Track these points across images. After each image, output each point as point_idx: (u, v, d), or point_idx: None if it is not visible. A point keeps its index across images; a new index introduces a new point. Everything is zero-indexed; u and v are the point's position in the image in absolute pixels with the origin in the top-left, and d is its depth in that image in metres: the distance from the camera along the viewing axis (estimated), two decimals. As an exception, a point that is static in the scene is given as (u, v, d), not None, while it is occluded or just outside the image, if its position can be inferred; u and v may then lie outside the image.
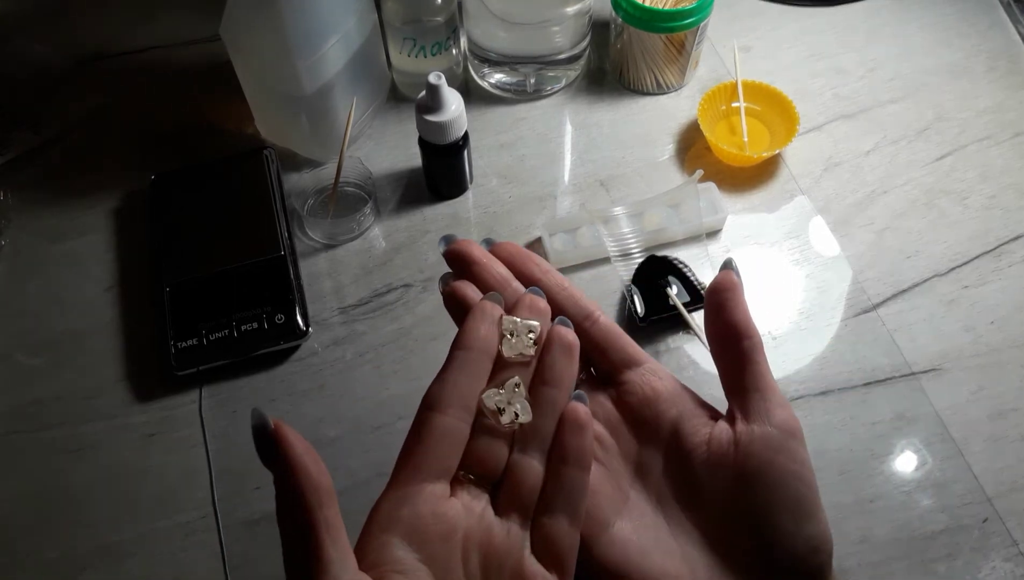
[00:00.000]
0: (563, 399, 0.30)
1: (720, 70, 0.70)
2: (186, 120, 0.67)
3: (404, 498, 0.28)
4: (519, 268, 0.33)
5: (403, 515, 0.27)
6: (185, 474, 0.51)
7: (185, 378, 0.54)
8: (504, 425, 0.29)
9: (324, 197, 0.61)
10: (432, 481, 0.28)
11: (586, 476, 0.29)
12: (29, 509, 0.50)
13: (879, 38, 0.71)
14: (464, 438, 0.29)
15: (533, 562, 0.28)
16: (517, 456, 0.29)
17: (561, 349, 0.30)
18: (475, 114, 0.66)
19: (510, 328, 0.30)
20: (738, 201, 0.62)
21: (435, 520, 0.27)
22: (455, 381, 0.29)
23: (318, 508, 0.25)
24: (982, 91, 0.68)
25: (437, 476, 0.28)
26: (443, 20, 0.62)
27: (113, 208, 0.62)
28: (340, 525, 0.26)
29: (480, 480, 0.29)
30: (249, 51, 0.57)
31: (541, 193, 0.62)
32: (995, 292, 0.56)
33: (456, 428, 0.29)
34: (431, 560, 0.27)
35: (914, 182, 0.62)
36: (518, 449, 0.29)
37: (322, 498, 0.26)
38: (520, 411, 0.29)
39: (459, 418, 0.29)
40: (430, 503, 0.28)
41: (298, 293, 0.56)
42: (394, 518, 0.27)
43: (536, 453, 0.29)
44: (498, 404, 0.29)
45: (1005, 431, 0.51)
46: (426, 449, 0.28)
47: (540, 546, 0.28)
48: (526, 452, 0.29)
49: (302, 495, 0.25)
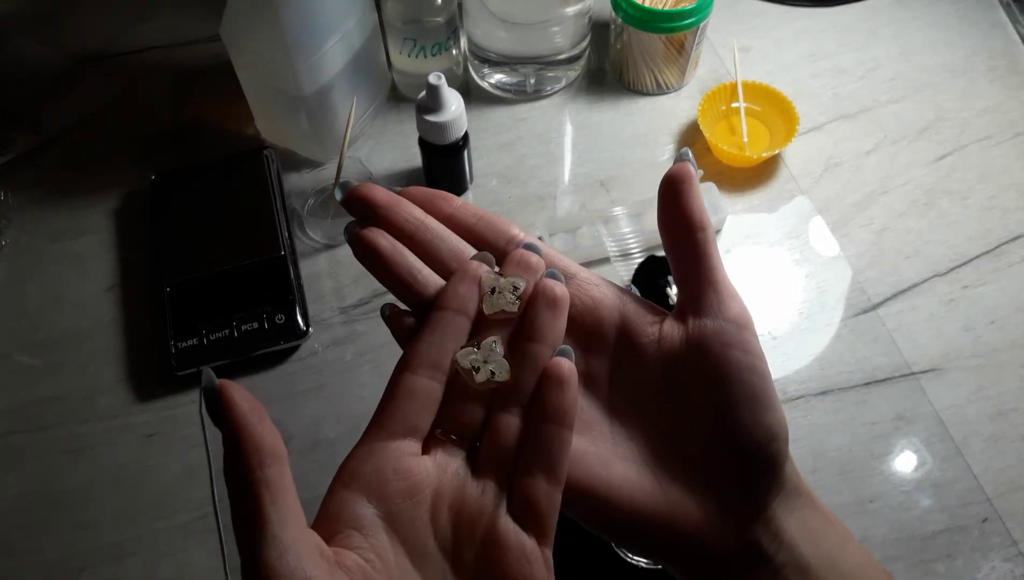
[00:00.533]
0: (546, 355, 0.29)
1: (720, 70, 0.70)
2: (186, 120, 0.67)
3: (368, 454, 0.27)
4: (429, 208, 0.31)
5: (365, 471, 0.27)
6: (185, 474, 0.51)
7: (185, 378, 0.54)
8: (479, 384, 0.28)
9: (324, 197, 0.61)
10: (398, 438, 0.27)
11: (568, 434, 0.28)
12: (29, 509, 0.50)
13: (879, 38, 0.71)
14: (436, 397, 0.28)
15: (509, 522, 0.27)
16: (495, 414, 0.28)
17: (545, 303, 0.29)
18: (475, 114, 0.66)
19: (492, 285, 0.29)
20: (738, 201, 0.62)
21: (397, 476, 0.27)
22: (428, 341, 0.28)
23: (258, 467, 0.25)
24: (982, 91, 0.68)
25: (404, 434, 0.27)
26: (443, 20, 0.62)
27: (113, 208, 0.63)
28: (284, 485, 0.25)
29: (459, 440, 0.28)
30: (249, 51, 0.57)
31: (541, 193, 0.62)
32: (995, 292, 0.57)
33: (427, 386, 0.28)
34: (392, 517, 0.26)
35: (914, 182, 0.62)
36: (497, 407, 0.28)
37: (264, 458, 0.25)
38: (496, 369, 0.28)
39: (430, 377, 0.28)
40: (393, 459, 0.27)
41: (298, 293, 0.56)
42: (356, 474, 0.27)
43: (515, 410, 0.28)
44: (473, 363, 0.28)
45: (1005, 431, 0.51)
46: (394, 408, 0.28)
47: (518, 506, 0.27)
48: (505, 410, 0.28)
49: (243, 454, 0.25)
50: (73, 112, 0.68)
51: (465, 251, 0.30)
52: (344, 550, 0.26)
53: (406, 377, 0.28)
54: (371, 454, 0.27)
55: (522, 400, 0.28)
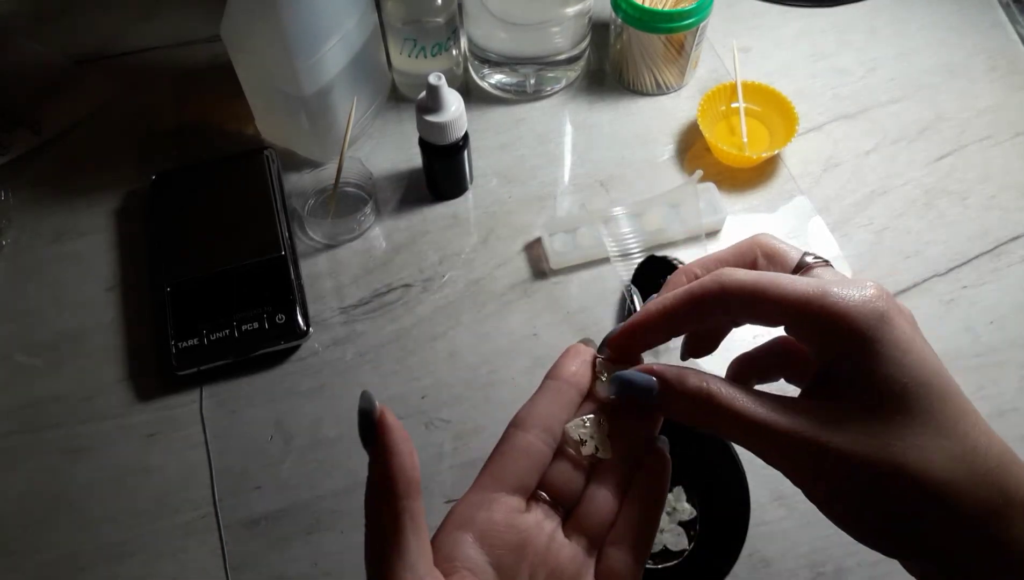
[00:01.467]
0: (645, 440, 0.31)
1: (720, 71, 0.70)
2: (187, 120, 0.67)
3: (481, 503, 0.29)
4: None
5: (479, 518, 0.28)
6: (186, 474, 0.51)
7: (186, 378, 0.54)
8: (584, 456, 0.30)
9: (324, 197, 0.61)
10: (509, 492, 0.29)
11: (658, 515, 0.30)
12: (29, 509, 0.50)
13: (879, 38, 0.71)
14: (544, 458, 0.30)
15: None
16: (593, 487, 0.30)
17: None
18: (475, 114, 0.66)
19: (602, 370, 0.32)
20: (737, 201, 0.62)
21: (508, 529, 0.28)
22: (540, 404, 0.31)
23: (405, 497, 0.26)
24: (982, 91, 0.68)
25: (514, 489, 0.29)
26: (443, 21, 0.62)
27: (114, 208, 0.63)
28: (423, 518, 0.27)
29: (555, 503, 0.30)
30: (249, 51, 0.57)
31: (541, 193, 0.62)
32: (994, 292, 0.57)
33: (536, 448, 0.30)
34: (499, 566, 0.28)
35: (914, 182, 0.62)
36: (595, 480, 0.31)
37: (410, 489, 0.27)
38: (600, 447, 0.30)
39: (540, 439, 0.30)
40: (504, 512, 0.29)
41: (298, 293, 0.56)
42: (470, 519, 0.29)
43: (612, 486, 0.30)
44: (581, 436, 0.30)
45: (1004, 431, 0.50)
46: (507, 462, 0.29)
47: (603, 575, 0.29)
48: (602, 484, 0.30)
49: (392, 481, 0.26)
50: (73, 112, 0.68)
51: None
52: None
53: (519, 434, 0.30)
54: (485, 503, 0.29)
55: (618, 478, 0.31)
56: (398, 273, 0.59)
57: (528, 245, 0.60)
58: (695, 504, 0.48)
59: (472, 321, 0.56)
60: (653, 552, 0.46)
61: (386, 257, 0.59)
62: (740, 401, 0.28)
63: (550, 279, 0.58)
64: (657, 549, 0.47)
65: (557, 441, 0.30)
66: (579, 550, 0.29)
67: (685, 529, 0.48)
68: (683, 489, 0.49)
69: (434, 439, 0.51)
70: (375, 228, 0.61)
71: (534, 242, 0.60)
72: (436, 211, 0.62)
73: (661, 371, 0.30)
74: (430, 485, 0.49)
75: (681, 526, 0.48)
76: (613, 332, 0.32)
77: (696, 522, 0.48)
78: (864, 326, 0.31)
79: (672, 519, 0.48)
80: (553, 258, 0.58)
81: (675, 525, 0.48)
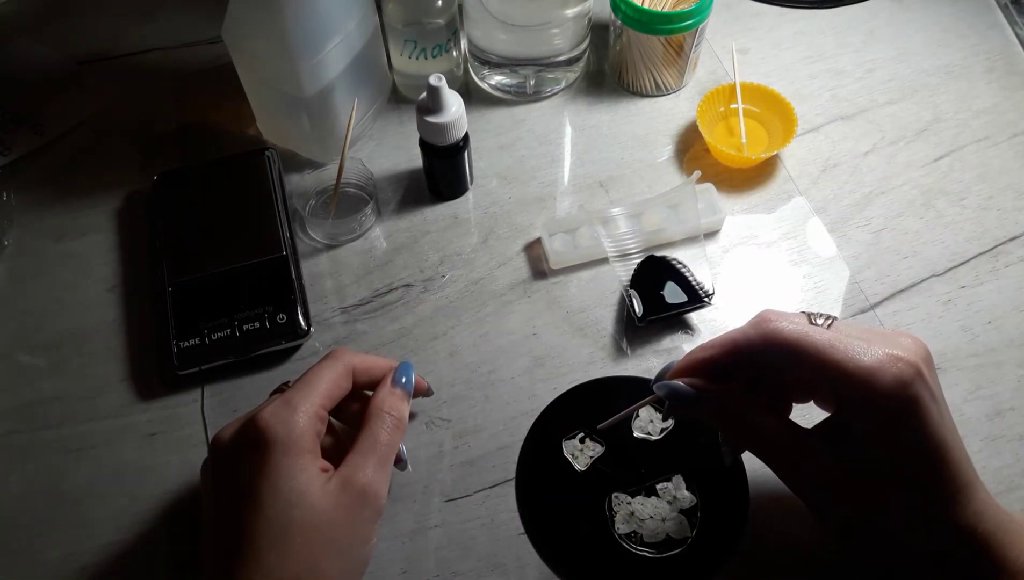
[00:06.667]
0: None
1: (719, 72, 0.70)
2: (188, 121, 0.68)
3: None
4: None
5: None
6: (186, 473, 0.51)
7: (187, 377, 0.54)
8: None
9: (325, 198, 0.62)
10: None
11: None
12: (30, 509, 0.50)
13: (877, 39, 0.72)
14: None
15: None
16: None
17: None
18: (475, 115, 0.67)
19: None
20: (736, 202, 0.62)
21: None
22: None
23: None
24: (980, 92, 0.68)
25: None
26: (443, 22, 0.62)
27: (116, 208, 0.63)
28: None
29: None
30: (251, 52, 0.58)
31: (541, 194, 0.63)
32: (992, 292, 0.57)
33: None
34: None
35: (912, 183, 0.63)
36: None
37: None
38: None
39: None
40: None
41: (299, 293, 0.56)
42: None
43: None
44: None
45: (1003, 431, 0.51)
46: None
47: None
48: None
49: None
50: (75, 113, 0.68)
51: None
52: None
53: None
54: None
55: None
56: (399, 273, 0.59)
57: (528, 245, 0.60)
58: (695, 492, 0.48)
59: (472, 321, 0.56)
60: (657, 542, 0.47)
61: (387, 257, 0.60)
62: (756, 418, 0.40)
63: (550, 279, 0.58)
64: (660, 539, 0.47)
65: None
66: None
67: (687, 517, 0.48)
68: (682, 477, 0.49)
69: (434, 438, 0.51)
70: (376, 228, 0.61)
71: (534, 242, 0.60)
72: (436, 211, 0.62)
73: (693, 385, 0.41)
74: (430, 484, 0.49)
75: (683, 514, 0.48)
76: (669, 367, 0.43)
77: (697, 509, 0.48)
78: (887, 409, 0.35)
79: (673, 507, 0.48)
80: (553, 258, 0.58)
81: (677, 513, 0.48)
